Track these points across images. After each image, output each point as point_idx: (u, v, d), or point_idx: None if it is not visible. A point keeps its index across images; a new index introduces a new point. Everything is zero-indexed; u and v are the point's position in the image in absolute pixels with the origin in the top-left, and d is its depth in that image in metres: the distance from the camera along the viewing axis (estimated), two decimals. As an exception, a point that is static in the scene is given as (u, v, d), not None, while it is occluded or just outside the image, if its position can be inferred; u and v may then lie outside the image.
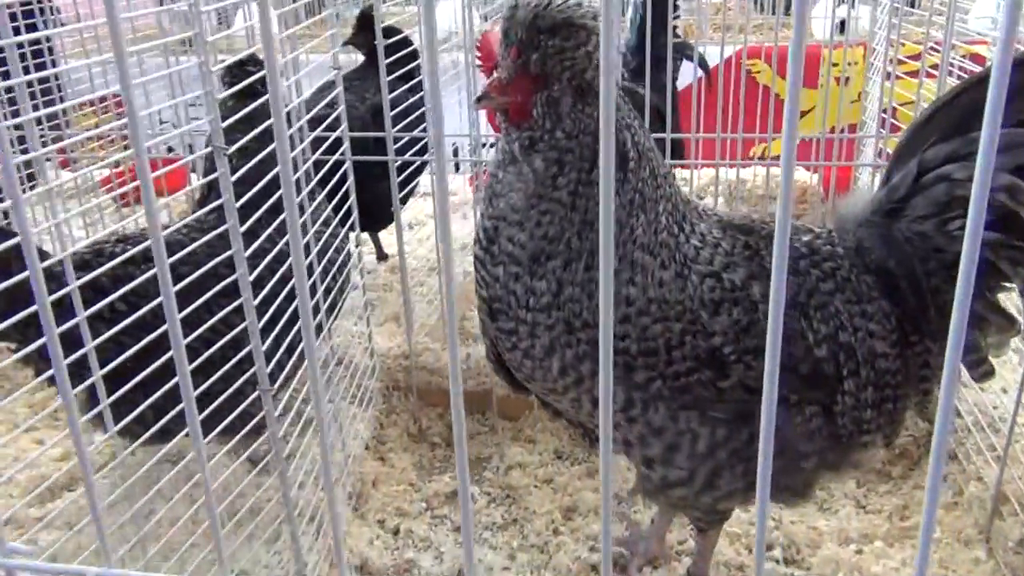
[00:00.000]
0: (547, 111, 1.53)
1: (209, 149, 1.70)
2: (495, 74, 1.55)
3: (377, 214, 3.43)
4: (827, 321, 1.69)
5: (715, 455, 1.71)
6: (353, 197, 2.67)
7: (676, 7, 3.24)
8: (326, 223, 2.43)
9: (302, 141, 2.52)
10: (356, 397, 2.72)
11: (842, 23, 5.95)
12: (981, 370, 1.72)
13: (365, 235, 3.95)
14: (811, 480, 1.78)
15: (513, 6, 1.50)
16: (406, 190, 3.50)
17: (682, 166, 3.64)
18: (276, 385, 2.01)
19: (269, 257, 2.08)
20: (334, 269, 2.46)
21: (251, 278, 1.89)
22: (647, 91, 2.71)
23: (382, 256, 3.89)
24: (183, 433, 1.86)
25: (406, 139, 2.83)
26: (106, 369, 1.81)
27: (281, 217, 2.18)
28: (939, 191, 1.66)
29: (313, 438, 2.52)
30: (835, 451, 1.74)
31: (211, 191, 2.35)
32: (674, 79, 3.31)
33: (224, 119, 2.24)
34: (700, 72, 3.53)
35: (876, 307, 1.71)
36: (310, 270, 2.26)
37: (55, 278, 1.67)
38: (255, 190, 2.00)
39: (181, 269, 1.90)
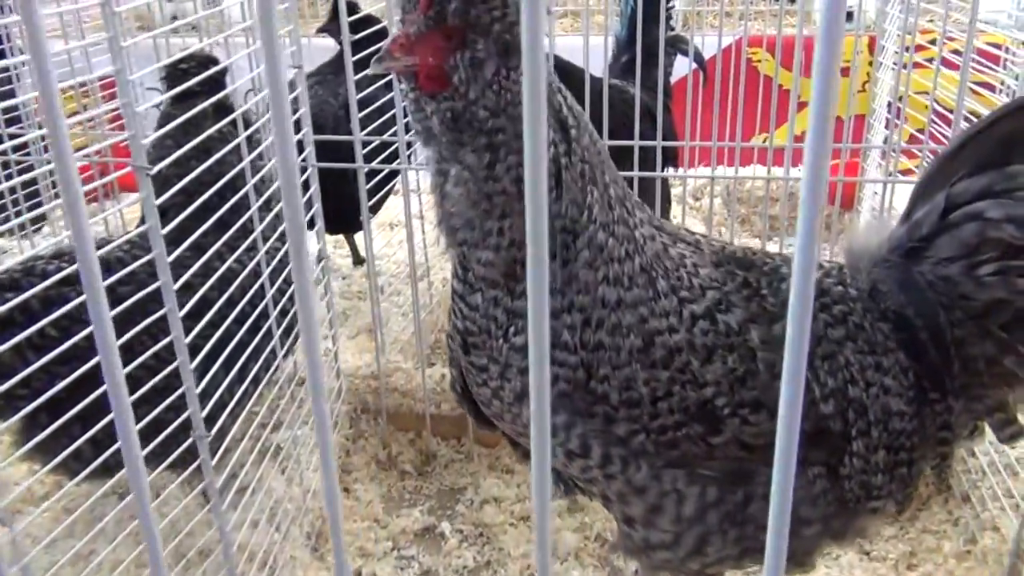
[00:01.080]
0: (470, 76, 1.24)
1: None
2: (398, 29, 1.26)
3: (351, 215, 3.22)
4: (835, 373, 1.49)
5: (704, 519, 1.52)
6: (317, 206, 2.46)
7: (671, -2, 3.00)
8: (285, 235, 2.21)
9: (259, 145, 2.31)
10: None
11: (849, 13, 5.74)
12: (1009, 431, 1.53)
13: (340, 237, 3.74)
14: (812, 548, 1.58)
15: None
16: (381, 193, 3.28)
17: (675, 165, 3.42)
18: (217, 426, 1.80)
19: (216, 276, 1.88)
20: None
21: (194, 300, 1.70)
22: (637, 89, 2.48)
23: (358, 260, 3.68)
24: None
25: (377, 142, 2.60)
26: (37, 402, 1.59)
27: (229, 232, 1.98)
28: (969, 231, 1.46)
29: (270, 467, 2.33)
30: (840, 518, 1.54)
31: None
32: (667, 75, 3.08)
33: (162, 126, 2.05)
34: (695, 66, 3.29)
35: (892, 360, 1.51)
36: (266, 288, 2.05)
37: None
38: (198, 203, 1.80)
39: (121, 290, 1.70)
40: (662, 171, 2.64)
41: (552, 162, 1.27)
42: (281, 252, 2.14)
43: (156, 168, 1.52)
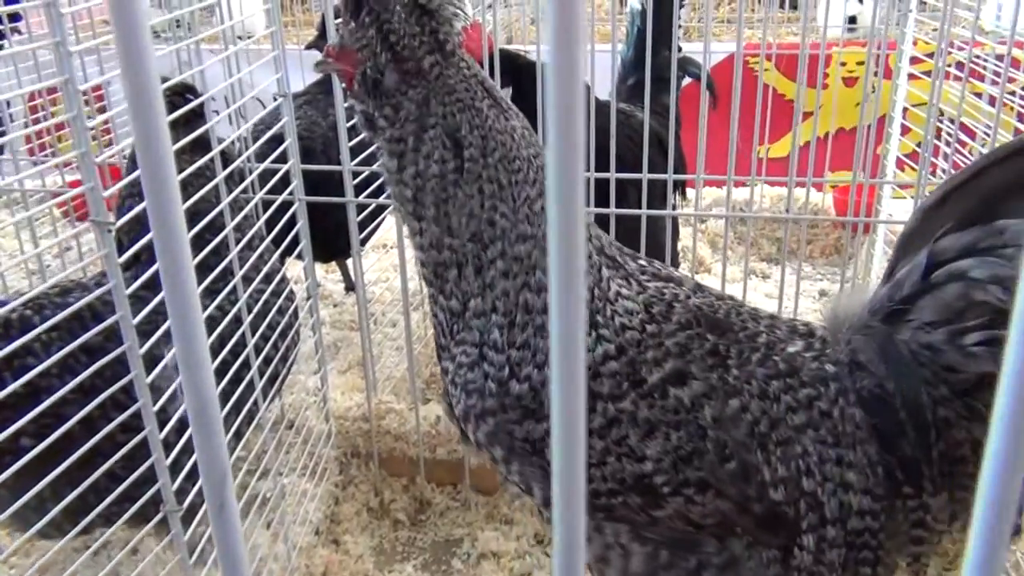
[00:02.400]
0: (369, 87, 1.36)
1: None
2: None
3: (342, 242, 3.07)
4: (788, 462, 1.35)
5: None
6: (305, 242, 2.30)
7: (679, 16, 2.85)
8: (270, 276, 2.06)
9: (246, 176, 2.16)
10: (308, 469, 2.37)
11: (852, 19, 5.61)
12: None
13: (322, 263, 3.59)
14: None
15: None
16: (376, 222, 3.13)
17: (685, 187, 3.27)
18: (192, 493, 1.65)
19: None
20: (281, 324, 2.09)
21: (164, 363, 1.55)
22: (646, 113, 2.33)
23: (351, 287, 3.53)
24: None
25: (367, 172, 2.45)
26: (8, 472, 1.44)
27: (213, 275, 1.83)
28: (952, 292, 1.31)
29: (258, 519, 2.18)
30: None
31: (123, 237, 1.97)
32: (677, 99, 2.93)
33: (134, 165, 1.90)
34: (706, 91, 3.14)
35: (860, 453, 1.37)
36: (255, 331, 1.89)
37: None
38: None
39: (91, 341, 1.55)
40: (672, 204, 2.49)
41: (438, 178, 1.34)
42: (265, 294, 1.99)
43: (120, 222, 1.37)
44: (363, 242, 2.64)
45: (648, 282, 1.45)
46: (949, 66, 3.50)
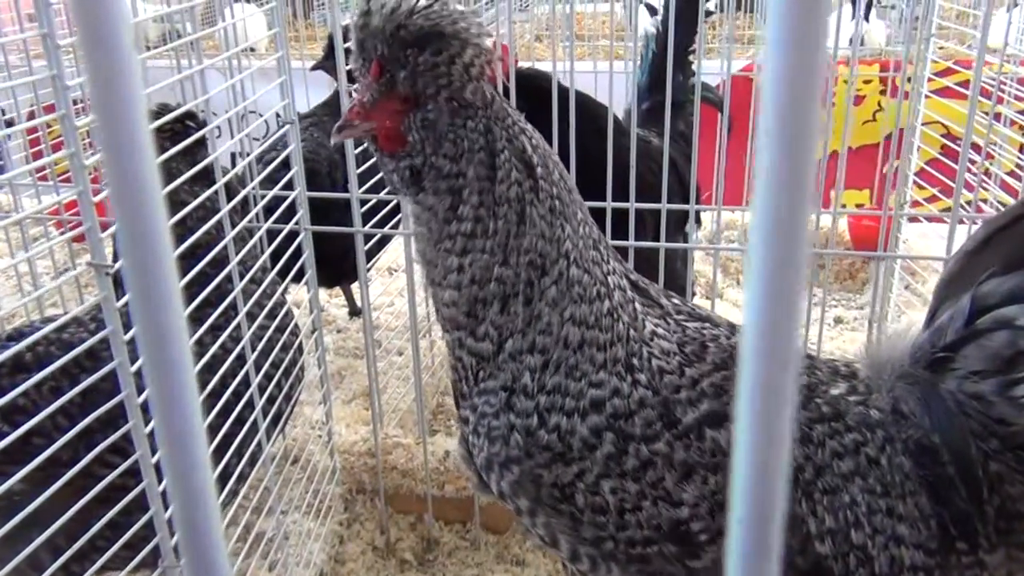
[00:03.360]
0: (424, 135, 1.28)
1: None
2: (354, 96, 1.32)
3: (346, 267, 2.99)
4: (836, 512, 1.28)
5: None
6: (311, 272, 2.22)
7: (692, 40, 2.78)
8: (274, 311, 1.98)
9: (250, 205, 2.08)
10: (312, 507, 2.28)
11: (860, 38, 5.56)
12: None
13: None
14: None
15: (365, 12, 1.24)
16: (381, 249, 3.05)
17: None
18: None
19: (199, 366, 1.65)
20: (285, 361, 2.01)
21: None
22: (666, 141, 2.24)
23: (355, 311, 3.44)
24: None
25: (374, 200, 2.37)
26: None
27: (216, 313, 1.75)
28: (1000, 341, 1.26)
29: (259, 560, 2.09)
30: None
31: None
32: (690, 124, 2.86)
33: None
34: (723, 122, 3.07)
35: (911, 505, 1.30)
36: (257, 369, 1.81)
37: None
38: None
39: (79, 376, 1.48)
40: (687, 236, 2.41)
41: (516, 201, 1.28)
42: (269, 331, 1.91)
43: (118, 265, 1.29)
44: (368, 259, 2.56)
45: (685, 321, 1.39)
46: (958, 85, 3.45)
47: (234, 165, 1.91)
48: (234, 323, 1.75)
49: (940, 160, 3.71)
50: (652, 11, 3.86)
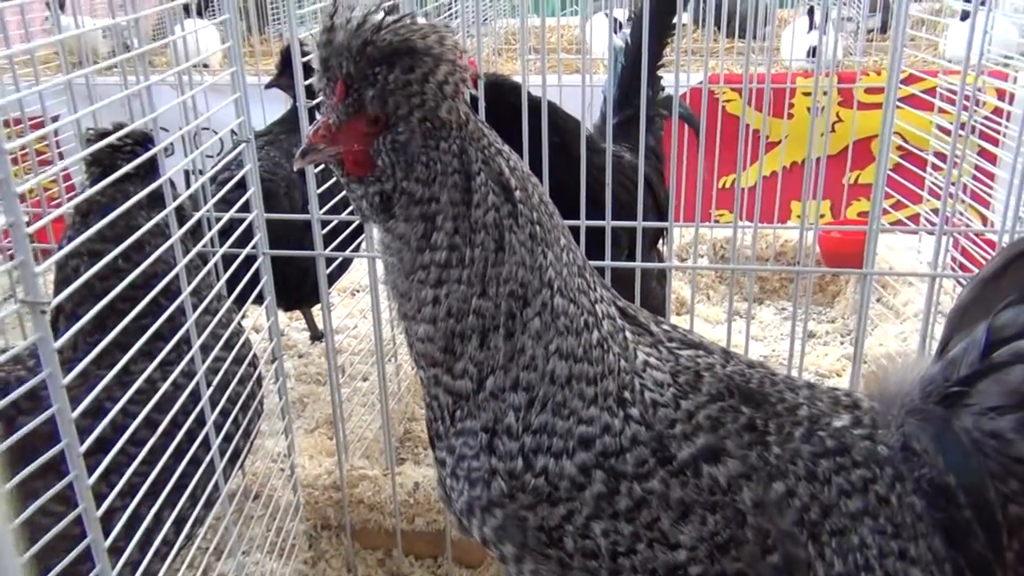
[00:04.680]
0: (394, 159, 1.20)
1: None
2: (318, 118, 1.23)
3: (305, 289, 2.87)
4: (845, 555, 1.21)
5: None
6: (270, 299, 2.10)
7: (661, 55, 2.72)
8: (230, 342, 1.85)
9: (205, 230, 1.96)
10: (275, 546, 2.15)
11: (813, 49, 5.58)
12: None
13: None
14: None
15: (328, 28, 1.15)
16: (343, 271, 2.94)
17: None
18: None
19: (142, 415, 1.52)
20: (243, 395, 1.88)
21: (110, 457, 1.34)
22: (641, 157, 2.16)
23: (317, 336, 3.32)
24: None
25: (336, 221, 2.27)
26: None
27: (168, 347, 1.63)
28: (1019, 375, 1.19)
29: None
30: None
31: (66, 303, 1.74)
32: (659, 139, 2.80)
33: (81, 225, 1.69)
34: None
35: (924, 548, 1.23)
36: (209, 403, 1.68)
37: None
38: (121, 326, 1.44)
39: (17, 421, 1.34)
40: (660, 253, 2.34)
41: (494, 227, 1.20)
42: (225, 363, 1.79)
43: (57, 300, 1.18)
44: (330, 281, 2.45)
45: (677, 349, 1.31)
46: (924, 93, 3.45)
47: (189, 184, 1.79)
48: (187, 357, 1.63)
49: (903, 166, 3.72)
50: (619, 25, 3.81)
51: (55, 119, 2.50)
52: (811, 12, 5.38)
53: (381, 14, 1.14)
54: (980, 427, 1.22)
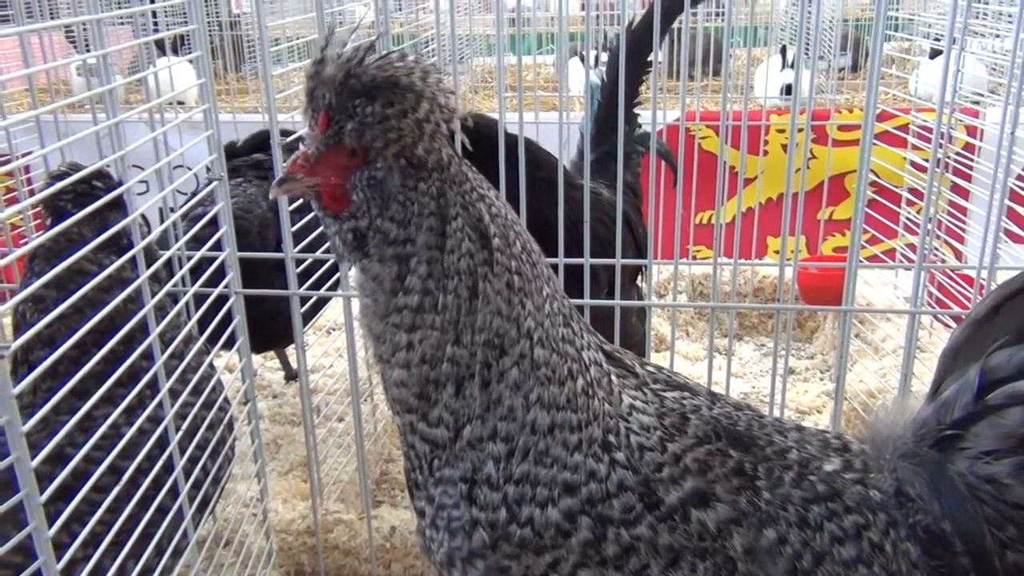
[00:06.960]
0: (370, 195, 1.18)
1: None
2: (300, 147, 1.22)
3: (278, 329, 2.81)
4: None
5: None
6: (243, 339, 2.06)
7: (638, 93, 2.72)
8: (199, 387, 1.80)
9: (175, 270, 1.92)
10: (246, 595, 2.08)
11: (788, 87, 5.65)
12: None
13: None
14: None
15: (319, 61, 1.14)
16: (318, 311, 2.89)
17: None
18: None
19: (105, 463, 1.46)
20: (213, 441, 1.83)
21: (72, 507, 1.28)
22: (619, 194, 2.15)
23: (291, 376, 3.26)
24: None
25: (310, 260, 2.23)
26: None
27: (133, 392, 1.57)
28: (1015, 418, 1.17)
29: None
30: None
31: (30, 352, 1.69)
32: (637, 175, 2.80)
33: (40, 267, 1.65)
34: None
35: None
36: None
37: None
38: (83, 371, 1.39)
39: None
40: (639, 289, 2.32)
41: (467, 273, 1.17)
42: (195, 409, 1.73)
43: (17, 344, 1.13)
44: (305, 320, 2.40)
45: (663, 391, 1.28)
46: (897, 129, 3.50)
47: (163, 221, 1.76)
48: (154, 402, 1.58)
49: (877, 202, 3.75)
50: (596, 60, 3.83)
51: (26, 155, 2.46)
52: (783, 51, 5.46)
53: (371, 49, 1.13)
54: (976, 472, 1.19)
